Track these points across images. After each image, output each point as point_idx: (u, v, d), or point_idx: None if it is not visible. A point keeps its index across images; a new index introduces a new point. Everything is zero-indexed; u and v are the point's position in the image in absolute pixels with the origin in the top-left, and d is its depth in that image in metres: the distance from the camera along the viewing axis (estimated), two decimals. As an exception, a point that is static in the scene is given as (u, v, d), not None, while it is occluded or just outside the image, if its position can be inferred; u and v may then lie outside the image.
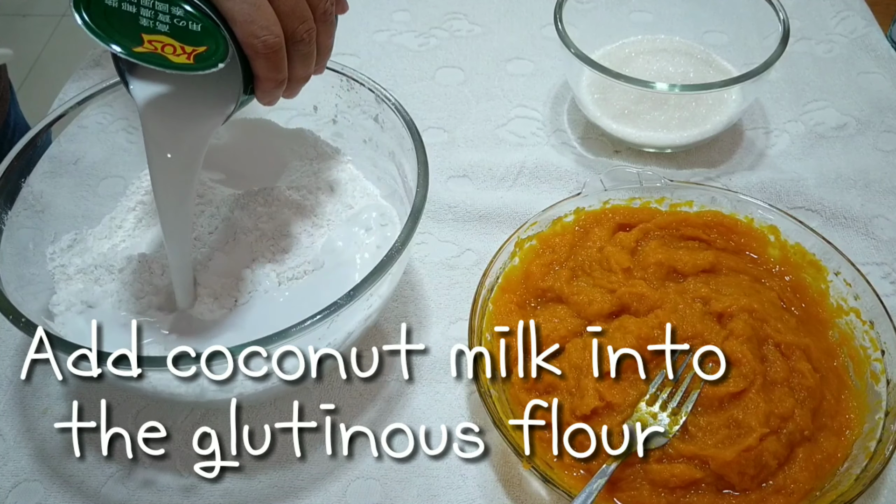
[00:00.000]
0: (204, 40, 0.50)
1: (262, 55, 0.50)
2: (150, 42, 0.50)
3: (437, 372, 0.64)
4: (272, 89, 0.53)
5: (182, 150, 0.55)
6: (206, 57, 0.51)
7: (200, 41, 0.50)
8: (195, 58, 0.51)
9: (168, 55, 0.51)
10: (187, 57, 0.51)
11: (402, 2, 0.99)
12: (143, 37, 0.50)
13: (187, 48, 0.50)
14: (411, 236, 0.56)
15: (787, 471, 0.55)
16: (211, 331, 0.58)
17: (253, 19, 0.49)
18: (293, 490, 0.58)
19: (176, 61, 0.51)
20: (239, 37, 0.49)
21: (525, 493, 0.58)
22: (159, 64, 0.51)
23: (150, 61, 0.51)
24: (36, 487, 0.59)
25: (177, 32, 0.50)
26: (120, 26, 0.50)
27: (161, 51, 0.51)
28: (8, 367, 0.65)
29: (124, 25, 0.50)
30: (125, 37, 0.50)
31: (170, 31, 0.50)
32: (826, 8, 0.97)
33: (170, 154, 0.55)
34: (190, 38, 0.50)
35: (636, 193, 0.69)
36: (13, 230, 0.60)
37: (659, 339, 0.59)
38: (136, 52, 0.51)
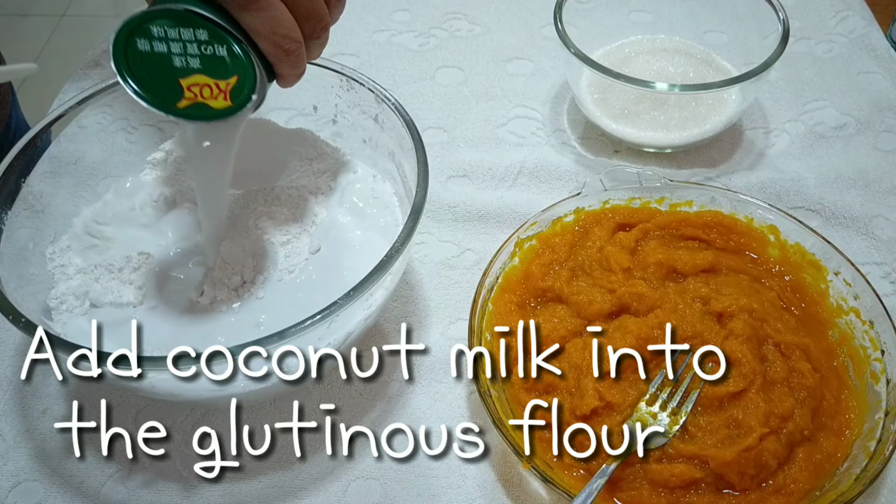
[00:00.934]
0: (232, 67, 0.53)
1: (286, 60, 0.53)
2: (189, 89, 0.53)
3: (437, 372, 0.64)
4: (294, 81, 0.56)
5: (218, 140, 0.58)
6: (239, 90, 0.54)
7: (229, 69, 0.53)
8: (231, 94, 0.54)
9: (208, 101, 0.54)
10: (224, 97, 0.54)
11: (402, 2, 0.99)
12: (181, 84, 0.53)
13: (221, 83, 0.54)
14: (411, 236, 0.56)
15: (786, 471, 0.55)
16: (209, 329, 0.58)
17: (275, 30, 0.52)
18: (293, 490, 0.58)
19: (216, 107, 0.54)
20: (263, 49, 0.53)
21: (525, 493, 0.58)
22: (203, 116, 0.54)
23: (195, 116, 0.54)
24: (36, 487, 0.59)
25: (207, 64, 0.53)
26: (159, 76, 0.53)
27: (201, 96, 0.54)
28: (8, 367, 0.65)
29: (162, 74, 0.53)
30: (166, 88, 0.53)
31: (201, 64, 0.53)
32: (826, 8, 0.97)
33: (207, 143, 0.57)
34: (220, 69, 0.53)
35: (636, 193, 0.69)
36: (13, 230, 0.60)
37: (659, 339, 0.59)
38: (182, 109, 0.54)
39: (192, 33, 0.52)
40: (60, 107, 0.65)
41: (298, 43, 0.53)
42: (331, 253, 0.62)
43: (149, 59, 0.52)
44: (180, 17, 0.51)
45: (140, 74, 0.53)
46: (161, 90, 0.53)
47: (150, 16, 0.51)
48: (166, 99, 0.54)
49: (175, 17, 0.51)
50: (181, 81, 0.53)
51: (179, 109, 0.54)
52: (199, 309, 0.59)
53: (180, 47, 0.52)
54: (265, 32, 0.52)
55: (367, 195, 0.67)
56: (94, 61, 0.90)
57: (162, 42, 0.52)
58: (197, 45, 0.53)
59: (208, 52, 0.53)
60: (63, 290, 0.60)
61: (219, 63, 0.53)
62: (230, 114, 0.55)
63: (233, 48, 0.53)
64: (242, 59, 0.53)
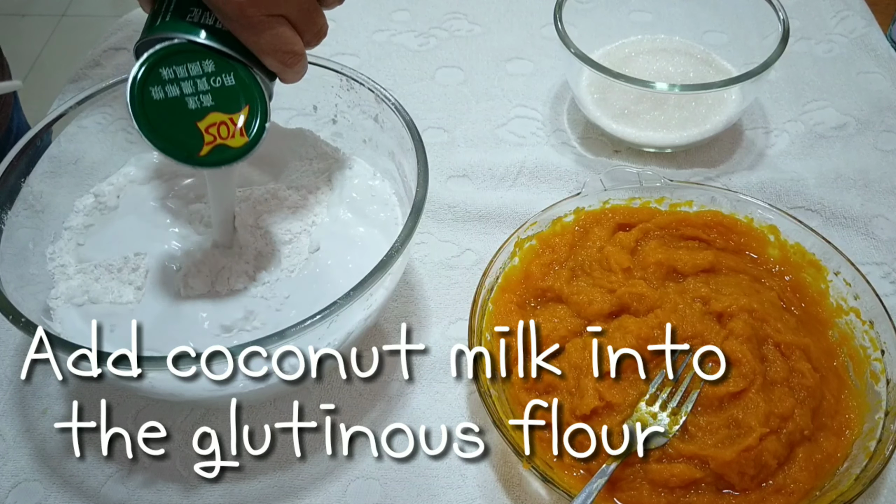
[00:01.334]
0: (243, 96, 0.54)
1: (290, 72, 0.55)
2: (207, 132, 0.54)
3: (437, 372, 0.64)
4: (296, 81, 0.57)
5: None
6: (252, 120, 0.55)
7: (240, 99, 0.54)
8: (246, 129, 0.55)
9: (227, 141, 0.55)
10: (240, 133, 0.55)
11: (402, 1, 0.99)
12: (199, 127, 0.54)
13: (235, 118, 0.55)
14: (411, 236, 0.56)
15: (786, 470, 0.55)
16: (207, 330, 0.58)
17: (278, 47, 0.53)
18: (293, 490, 0.58)
19: (235, 146, 0.55)
20: (268, 65, 0.54)
21: (525, 493, 0.58)
22: (225, 160, 0.55)
23: (218, 162, 0.55)
24: (36, 487, 0.59)
25: (219, 98, 0.54)
26: (178, 123, 0.54)
27: (219, 136, 0.55)
28: (8, 367, 0.65)
29: (180, 120, 0.53)
30: (187, 135, 0.54)
31: (214, 100, 0.54)
32: (826, 8, 0.97)
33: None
34: (232, 101, 0.54)
35: (636, 193, 0.69)
36: (13, 230, 0.60)
37: (659, 339, 0.59)
38: (205, 157, 0.55)
39: (199, 67, 0.53)
40: (60, 107, 0.65)
41: (301, 56, 0.54)
42: (331, 252, 0.62)
43: (165, 108, 0.53)
44: (185, 52, 0.52)
45: (161, 127, 0.53)
46: (183, 138, 0.54)
47: (158, 58, 0.52)
48: (189, 147, 0.54)
49: (180, 53, 0.52)
50: (198, 125, 0.54)
51: (203, 158, 0.55)
52: (198, 309, 0.59)
53: (191, 86, 0.53)
54: (269, 50, 0.53)
55: (367, 195, 0.67)
56: (94, 61, 0.90)
57: (173, 84, 0.53)
58: (206, 79, 0.53)
59: (217, 84, 0.54)
60: (63, 289, 0.60)
61: (229, 94, 0.54)
62: (249, 150, 0.56)
63: (240, 74, 0.54)
64: (250, 85, 0.55)
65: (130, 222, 0.64)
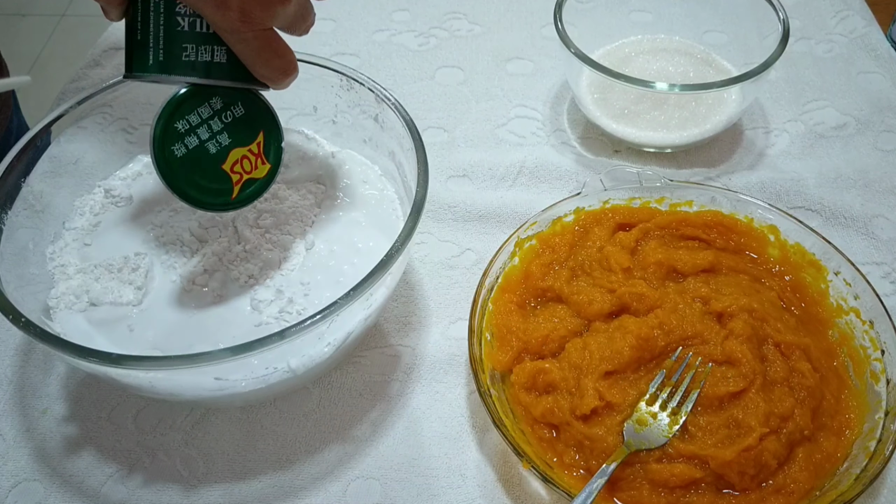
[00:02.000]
0: (255, 123, 0.55)
1: (284, 82, 0.55)
2: (233, 171, 0.55)
3: (437, 372, 0.64)
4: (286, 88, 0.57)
5: None
6: (269, 143, 0.57)
7: (254, 127, 0.55)
8: (265, 155, 0.56)
9: (253, 174, 0.56)
10: (261, 160, 0.56)
11: (402, 1, 0.99)
12: (224, 170, 0.55)
13: (254, 148, 0.56)
14: (411, 236, 0.56)
15: (786, 470, 0.55)
16: (209, 329, 0.58)
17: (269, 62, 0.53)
18: (293, 490, 0.58)
19: (260, 176, 0.57)
20: (266, 78, 0.54)
21: (525, 493, 0.58)
22: (256, 193, 0.57)
23: (250, 196, 0.57)
24: (36, 487, 0.59)
25: (234, 133, 0.55)
26: (206, 173, 0.54)
27: (245, 172, 0.56)
28: (8, 367, 0.65)
29: (207, 169, 0.54)
30: (217, 181, 0.55)
31: (230, 137, 0.55)
32: (826, 8, 0.97)
33: None
34: (247, 133, 0.55)
35: (636, 193, 0.69)
36: (13, 230, 0.60)
37: (659, 338, 0.59)
38: (238, 197, 0.56)
39: (209, 108, 0.53)
40: (60, 107, 0.65)
41: (295, 69, 0.55)
42: (330, 252, 0.62)
43: (190, 162, 0.53)
44: (192, 96, 0.52)
45: (192, 182, 0.54)
46: (214, 186, 0.55)
47: (170, 113, 0.52)
48: (222, 193, 0.55)
49: (188, 100, 0.52)
50: (223, 168, 0.55)
51: (237, 199, 0.56)
52: (198, 309, 0.59)
53: (207, 130, 0.54)
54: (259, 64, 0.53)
55: (366, 195, 0.67)
56: (95, 61, 0.90)
57: (191, 135, 0.53)
58: (218, 118, 0.54)
59: (229, 119, 0.54)
60: (63, 289, 0.60)
61: (243, 125, 0.55)
62: (273, 175, 0.57)
63: (246, 101, 0.55)
64: (258, 108, 0.55)
65: (137, 221, 0.64)
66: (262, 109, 0.56)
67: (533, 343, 0.60)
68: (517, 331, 0.61)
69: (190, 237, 0.63)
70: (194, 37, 0.51)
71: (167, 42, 0.51)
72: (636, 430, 0.55)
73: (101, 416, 0.62)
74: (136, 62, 0.52)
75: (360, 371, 0.64)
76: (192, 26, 0.51)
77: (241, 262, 0.61)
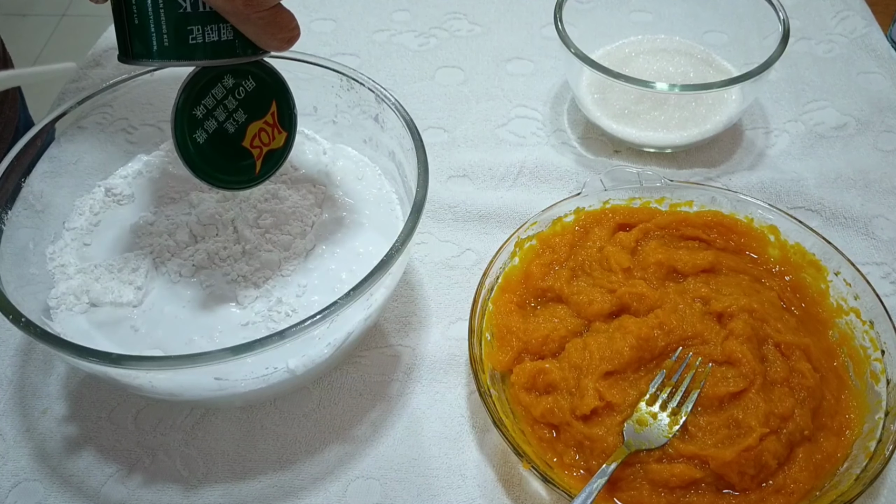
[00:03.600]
0: (266, 94, 0.55)
1: (287, 47, 0.54)
2: (252, 146, 0.55)
3: (437, 372, 0.64)
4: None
5: None
6: (282, 111, 0.56)
7: (266, 98, 0.55)
8: (280, 124, 0.56)
9: (271, 145, 0.56)
10: (277, 130, 0.56)
11: (402, 1, 0.99)
12: (244, 147, 0.55)
13: (268, 119, 0.55)
14: (411, 236, 0.56)
15: (787, 471, 0.55)
16: (209, 329, 0.58)
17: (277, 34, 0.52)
18: (293, 490, 0.58)
19: (278, 146, 0.57)
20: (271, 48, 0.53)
21: (525, 493, 0.58)
22: (276, 163, 0.57)
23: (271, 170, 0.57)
24: (36, 487, 0.59)
25: (249, 108, 0.54)
26: (228, 154, 0.54)
27: (264, 145, 0.55)
28: (8, 367, 0.65)
29: (228, 151, 0.54)
30: (240, 159, 0.55)
31: (246, 114, 0.54)
32: (826, 8, 0.97)
33: None
34: (261, 105, 0.55)
35: (636, 193, 0.69)
36: (13, 230, 0.60)
37: (659, 338, 0.59)
38: (261, 173, 0.56)
39: (222, 88, 0.53)
40: (60, 107, 0.65)
41: (297, 29, 0.53)
42: (330, 252, 0.62)
43: (212, 146, 0.53)
44: (205, 80, 0.52)
45: (216, 166, 0.53)
46: (237, 165, 0.55)
47: (186, 101, 0.51)
48: (246, 171, 0.55)
49: (201, 84, 0.52)
50: (243, 145, 0.54)
51: (260, 174, 0.56)
52: (198, 309, 0.59)
53: (223, 110, 0.53)
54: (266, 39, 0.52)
55: (366, 195, 0.67)
56: (95, 61, 0.90)
57: (209, 118, 0.52)
58: (231, 97, 0.53)
59: (242, 95, 0.54)
60: (63, 289, 0.60)
61: (255, 99, 0.54)
62: (291, 142, 0.57)
63: (255, 73, 0.54)
64: (267, 79, 0.55)
65: (137, 221, 0.64)
66: (271, 77, 0.55)
67: (533, 343, 0.60)
68: (517, 331, 0.61)
69: (190, 237, 0.62)
70: (198, 17, 0.49)
71: (171, 25, 0.49)
72: (636, 431, 0.55)
73: (102, 416, 0.62)
74: (138, 47, 0.49)
75: (360, 371, 0.64)
76: (195, 6, 0.49)
77: (242, 262, 0.61)
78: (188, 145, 0.52)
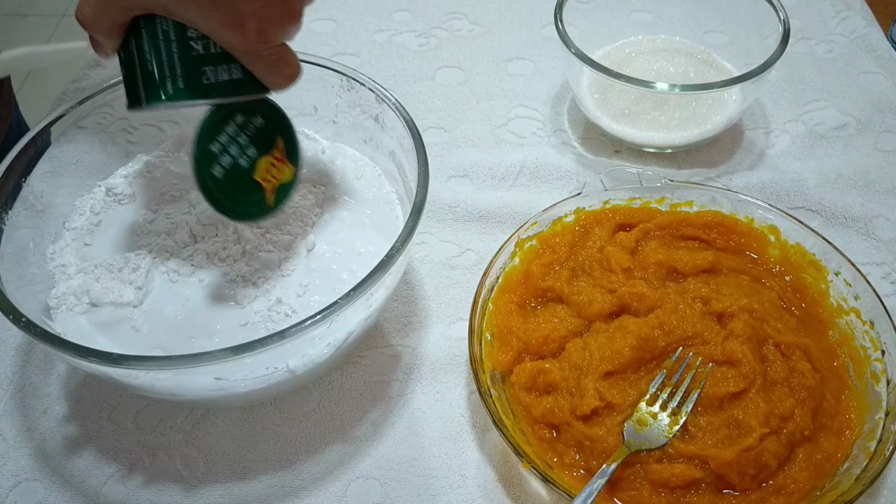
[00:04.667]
0: (272, 131, 0.57)
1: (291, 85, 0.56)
2: (264, 180, 0.56)
3: (437, 372, 0.64)
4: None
5: None
6: (288, 146, 0.58)
7: (272, 134, 0.57)
8: (287, 157, 0.58)
9: (282, 179, 0.58)
10: (285, 164, 0.58)
11: (403, 1, 0.99)
12: (257, 181, 0.56)
13: (276, 154, 0.57)
14: (411, 236, 0.56)
15: (787, 471, 0.55)
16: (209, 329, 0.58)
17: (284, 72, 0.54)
18: (293, 490, 0.58)
19: (287, 179, 0.58)
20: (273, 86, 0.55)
21: (525, 493, 0.58)
22: (285, 195, 0.58)
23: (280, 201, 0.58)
24: (36, 487, 0.59)
25: (259, 144, 0.56)
26: (243, 188, 0.56)
27: (274, 178, 0.57)
28: (8, 367, 0.65)
29: (244, 185, 0.55)
30: (254, 192, 0.56)
31: (257, 150, 0.56)
32: (826, 8, 0.97)
33: None
34: (268, 140, 0.57)
35: (636, 193, 0.69)
36: (13, 230, 0.60)
37: (659, 339, 0.59)
38: (273, 204, 0.58)
39: (233, 125, 0.54)
40: (61, 107, 0.65)
41: (299, 66, 0.55)
42: (331, 252, 0.62)
43: (228, 180, 0.54)
44: (219, 118, 0.53)
45: (234, 199, 0.55)
46: (252, 198, 0.56)
47: (202, 137, 0.52)
48: (260, 203, 0.57)
49: (216, 122, 0.53)
50: (255, 178, 0.56)
51: (273, 206, 0.58)
52: (198, 309, 0.59)
53: (237, 147, 0.55)
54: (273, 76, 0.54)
55: (367, 195, 0.67)
56: (95, 61, 0.90)
57: (224, 154, 0.54)
58: (243, 133, 0.55)
59: (252, 132, 0.55)
60: (63, 289, 0.60)
61: (263, 134, 0.56)
62: (297, 174, 0.58)
63: (262, 110, 0.56)
64: (272, 114, 0.56)
65: (137, 221, 0.64)
66: (276, 113, 0.57)
67: (533, 343, 0.60)
68: (517, 331, 0.61)
69: (190, 237, 0.62)
70: (211, 59, 0.52)
71: (185, 68, 0.51)
72: (636, 431, 0.55)
73: (102, 416, 0.62)
74: (151, 92, 0.51)
75: (360, 371, 0.64)
76: (207, 48, 0.51)
77: (242, 262, 0.61)
78: (207, 181, 0.53)
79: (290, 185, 0.59)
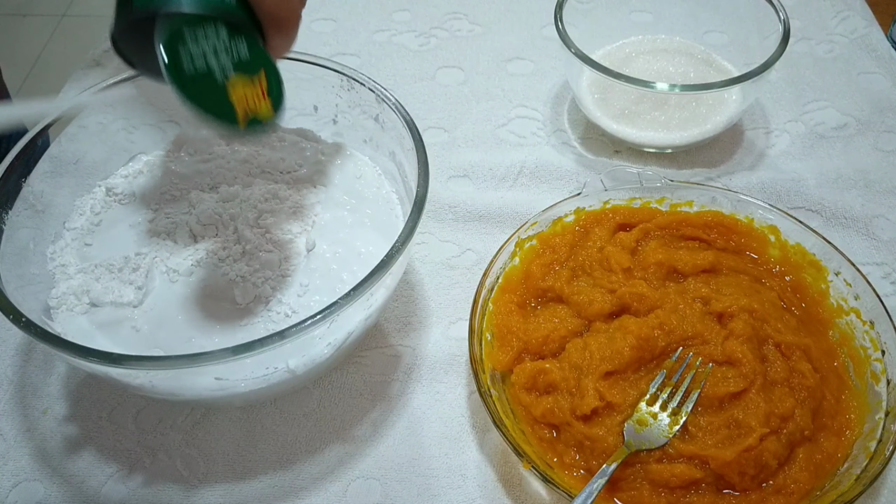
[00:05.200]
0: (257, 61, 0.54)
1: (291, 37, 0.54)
2: (237, 103, 0.54)
3: (437, 372, 0.64)
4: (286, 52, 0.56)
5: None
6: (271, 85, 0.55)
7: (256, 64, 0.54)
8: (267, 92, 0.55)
9: (258, 112, 0.55)
10: (262, 96, 0.55)
11: (403, 2, 0.99)
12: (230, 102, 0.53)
13: (255, 81, 0.54)
14: (412, 236, 0.56)
15: (787, 471, 0.55)
16: (209, 329, 0.58)
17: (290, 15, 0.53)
18: (293, 490, 0.58)
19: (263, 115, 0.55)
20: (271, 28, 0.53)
21: (525, 493, 0.58)
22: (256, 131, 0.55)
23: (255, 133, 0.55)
24: (36, 487, 0.59)
25: (239, 66, 0.53)
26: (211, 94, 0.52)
27: (249, 108, 0.54)
28: (8, 367, 0.65)
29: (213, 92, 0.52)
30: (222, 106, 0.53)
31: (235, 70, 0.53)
32: (826, 8, 0.97)
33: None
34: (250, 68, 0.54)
35: (636, 193, 0.69)
36: (13, 230, 0.59)
37: (659, 339, 0.59)
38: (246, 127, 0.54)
39: (214, 31, 0.52)
40: (60, 107, 0.65)
41: (299, 16, 0.54)
42: (331, 252, 0.62)
43: (199, 78, 0.52)
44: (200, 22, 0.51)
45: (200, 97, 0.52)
46: (220, 109, 0.53)
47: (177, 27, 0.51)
48: (230, 118, 0.54)
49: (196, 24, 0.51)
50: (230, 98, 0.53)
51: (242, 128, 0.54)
52: (198, 309, 0.59)
53: (214, 58, 0.52)
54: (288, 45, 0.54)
55: (367, 195, 0.67)
56: (95, 61, 0.90)
57: (200, 58, 0.52)
58: (224, 50, 0.53)
59: (234, 54, 0.53)
60: (63, 289, 0.60)
61: (246, 62, 0.53)
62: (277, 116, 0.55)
63: (248, 41, 0.53)
64: (258, 49, 0.54)
65: (137, 221, 0.64)
66: (261, 51, 0.55)
67: (533, 343, 0.60)
68: (517, 331, 0.61)
69: (190, 236, 0.63)
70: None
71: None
72: (636, 431, 0.55)
73: (102, 416, 0.62)
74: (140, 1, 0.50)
75: (360, 371, 0.64)
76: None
77: (242, 262, 0.61)
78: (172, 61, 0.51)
79: (265, 125, 0.55)
